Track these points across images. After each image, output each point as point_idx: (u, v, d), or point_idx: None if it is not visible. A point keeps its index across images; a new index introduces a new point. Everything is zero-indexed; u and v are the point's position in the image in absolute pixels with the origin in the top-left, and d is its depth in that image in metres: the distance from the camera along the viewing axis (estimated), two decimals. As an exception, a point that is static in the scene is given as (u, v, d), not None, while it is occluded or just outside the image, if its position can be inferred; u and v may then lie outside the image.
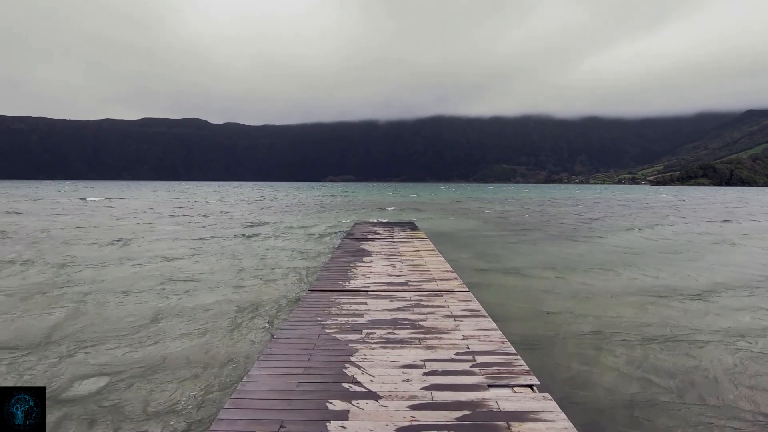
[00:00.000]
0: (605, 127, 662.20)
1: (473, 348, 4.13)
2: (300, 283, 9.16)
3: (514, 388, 3.35)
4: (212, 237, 16.52)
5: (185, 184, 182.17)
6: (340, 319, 5.04)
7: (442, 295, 6.07)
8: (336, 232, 17.97)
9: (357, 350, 4.09)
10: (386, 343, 4.29)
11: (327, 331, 4.63)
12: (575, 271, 10.73)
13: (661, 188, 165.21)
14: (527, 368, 3.67)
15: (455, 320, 4.98)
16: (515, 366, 3.71)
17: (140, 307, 7.42)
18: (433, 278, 7.16)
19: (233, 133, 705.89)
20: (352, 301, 5.81)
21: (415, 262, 8.59)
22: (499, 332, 4.56)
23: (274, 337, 4.48)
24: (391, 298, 5.96)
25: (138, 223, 21.17)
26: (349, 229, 16.44)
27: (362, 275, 7.44)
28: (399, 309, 5.44)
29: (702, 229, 21.46)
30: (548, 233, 19.17)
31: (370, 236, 12.96)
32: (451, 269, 7.94)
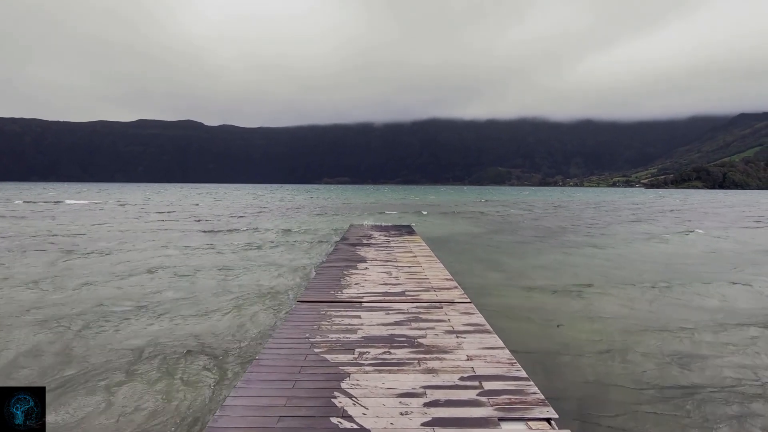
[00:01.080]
0: (599, 129, 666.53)
1: (479, 371, 3.68)
2: (275, 316, 7.14)
3: (529, 423, 2.91)
4: (189, 247, 14.67)
5: (178, 186, 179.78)
6: (330, 335, 4.57)
7: (441, 307, 5.62)
8: (326, 242, 16.92)
9: (348, 374, 3.62)
10: (382, 365, 3.83)
11: (316, 350, 4.16)
12: (611, 287, 9.35)
13: (660, 191, 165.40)
14: (542, 397, 3.22)
15: (458, 337, 4.53)
16: (528, 394, 3.26)
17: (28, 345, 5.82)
18: (432, 287, 6.71)
19: (228, 135, 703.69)
20: (344, 313, 5.34)
21: (412, 269, 8.14)
22: (507, 351, 4.11)
23: (257, 357, 4.00)
24: (387, 310, 5.50)
25: (120, 230, 20.03)
26: (343, 233, 15.94)
27: (356, 283, 6.97)
28: (396, 323, 4.98)
29: (735, 235, 20.11)
30: (570, 240, 18.07)
31: (365, 240, 12.50)
32: (451, 277, 7.49)
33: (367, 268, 8.30)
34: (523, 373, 3.63)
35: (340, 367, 3.77)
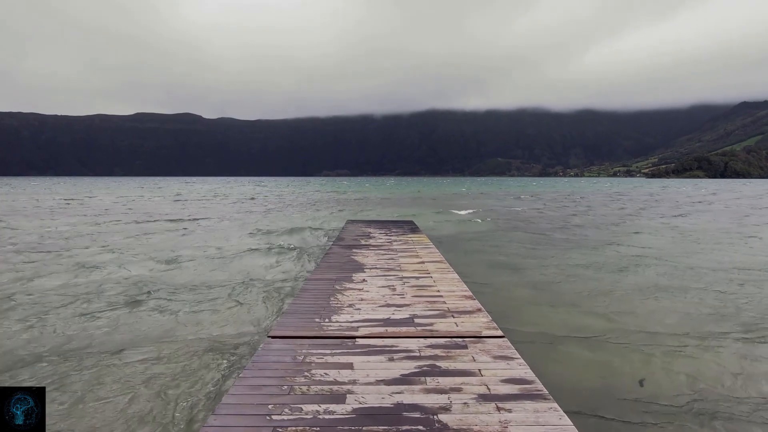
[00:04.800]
0: (600, 120, 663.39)
1: (552, 497, 2.13)
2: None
3: None
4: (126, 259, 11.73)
5: (174, 180, 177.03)
6: (306, 407, 3.01)
7: (466, 346, 4.05)
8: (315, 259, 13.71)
9: None
10: (384, 479, 2.27)
11: (279, 441, 2.61)
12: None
13: (666, 180, 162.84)
14: None
15: (498, 408, 2.96)
16: None
17: None
18: (449, 311, 5.15)
19: (227, 128, 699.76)
20: (330, 360, 3.77)
21: (420, 282, 6.58)
22: (587, 446, 2.56)
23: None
24: (391, 352, 3.93)
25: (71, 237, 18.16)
26: (339, 231, 14.36)
27: (350, 305, 5.41)
28: (403, 379, 3.41)
29: None
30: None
31: (363, 241, 10.93)
32: (469, 293, 5.92)
33: (364, 280, 6.73)
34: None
35: (314, 488, 2.21)
